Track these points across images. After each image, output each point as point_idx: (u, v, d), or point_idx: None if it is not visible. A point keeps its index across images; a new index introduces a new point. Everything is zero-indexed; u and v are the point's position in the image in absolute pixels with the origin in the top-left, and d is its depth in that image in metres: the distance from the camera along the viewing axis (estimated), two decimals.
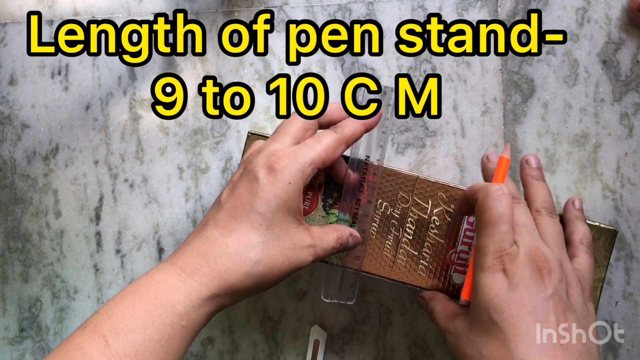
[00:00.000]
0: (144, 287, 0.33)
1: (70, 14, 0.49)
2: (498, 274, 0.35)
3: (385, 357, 0.48)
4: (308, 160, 0.36)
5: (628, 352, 0.47)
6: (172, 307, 0.32)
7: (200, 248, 0.34)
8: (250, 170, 0.36)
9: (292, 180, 0.35)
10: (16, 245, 0.49)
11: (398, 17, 0.48)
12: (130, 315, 0.32)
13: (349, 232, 0.39)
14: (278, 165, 0.35)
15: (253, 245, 0.34)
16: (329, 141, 0.37)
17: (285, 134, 0.38)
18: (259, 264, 0.34)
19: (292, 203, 0.35)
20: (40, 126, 0.49)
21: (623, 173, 0.47)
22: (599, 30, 0.48)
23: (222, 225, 0.35)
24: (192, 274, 0.33)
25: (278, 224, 0.35)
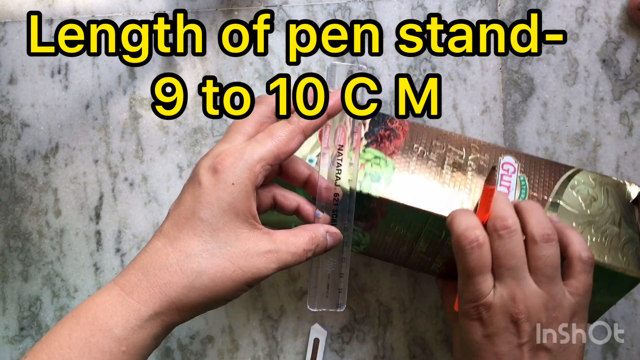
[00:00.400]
0: (83, 311, 0.31)
1: (70, 13, 0.49)
2: (474, 321, 0.35)
3: (384, 356, 0.48)
4: (256, 157, 0.32)
5: (627, 351, 0.47)
6: (110, 332, 0.30)
7: (141, 262, 0.31)
8: (195, 174, 0.33)
9: (237, 181, 0.31)
10: (16, 244, 0.49)
11: (398, 16, 0.48)
12: (67, 344, 0.30)
13: (325, 229, 0.35)
14: (221, 165, 0.31)
15: (195, 254, 0.31)
16: (282, 133, 0.33)
17: (236, 132, 0.34)
18: (203, 274, 0.31)
19: (239, 205, 0.31)
20: (40, 125, 0.49)
21: (623, 172, 0.47)
22: (599, 29, 0.48)
23: (165, 234, 0.32)
24: (130, 291, 0.31)
25: (224, 229, 0.31)
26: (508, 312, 0.34)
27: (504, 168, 0.41)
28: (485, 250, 0.35)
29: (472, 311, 0.35)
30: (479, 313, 0.35)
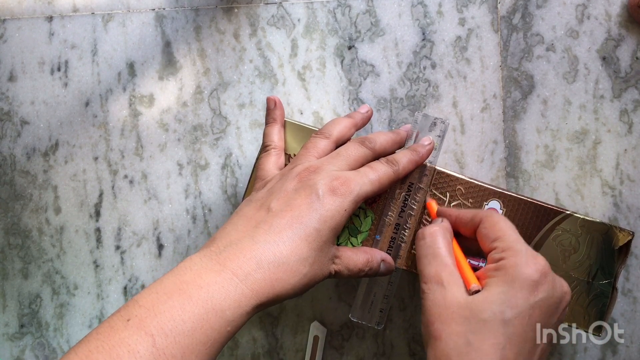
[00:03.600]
0: (194, 288, 0.32)
1: (70, 10, 0.49)
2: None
3: (384, 354, 0.48)
4: (363, 193, 0.37)
5: (627, 349, 0.47)
6: (222, 313, 0.32)
7: (253, 251, 0.34)
8: (311, 186, 0.36)
9: (347, 209, 0.36)
10: (16, 241, 0.49)
11: (398, 13, 0.48)
12: (180, 317, 0.31)
13: (381, 257, 0.40)
14: (339, 190, 0.36)
15: (305, 258, 0.34)
16: (385, 177, 0.38)
17: (344, 159, 0.38)
18: (306, 277, 0.35)
19: (340, 227, 0.36)
20: (39, 122, 0.49)
21: (622, 170, 0.47)
22: (599, 26, 0.48)
23: (277, 231, 0.35)
24: (244, 279, 0.33)
25: (326, 242, 0.36)
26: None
27: None
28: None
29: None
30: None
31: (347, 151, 0.39)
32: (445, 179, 0.41)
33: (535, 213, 0.41)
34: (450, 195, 0.41)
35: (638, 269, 0.47)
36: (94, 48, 0.49)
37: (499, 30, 0.48)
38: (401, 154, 0.40)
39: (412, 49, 0.48)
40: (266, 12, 0.49)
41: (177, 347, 0.30)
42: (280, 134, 0.42)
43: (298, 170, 0.38)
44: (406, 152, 0.40)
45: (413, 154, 0.40)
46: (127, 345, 0.30)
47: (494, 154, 0.48)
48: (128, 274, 0.49)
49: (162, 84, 0.49)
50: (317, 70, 0.48)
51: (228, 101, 0.49)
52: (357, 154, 0.39)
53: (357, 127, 0.42)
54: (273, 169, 0.40)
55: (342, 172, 0.37)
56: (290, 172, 0.38)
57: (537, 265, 0.34)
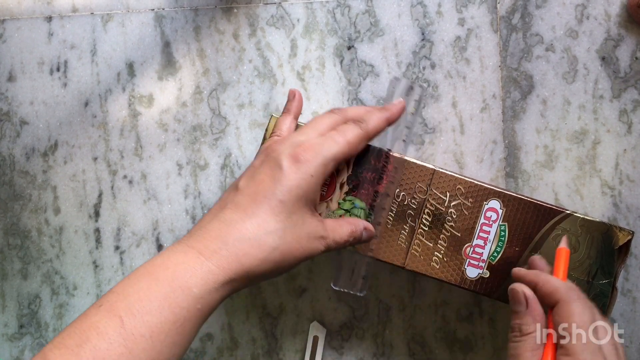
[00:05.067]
0: (161, 269, 0.33)
1: (69, 10, 0.49)
2: None
3: (384, 354, 0.48)
4: (331, 155, 0.36)
5: (627, 349, 0.47)
6: (189, 290, 0.32)
7: (219, 231, 0.34)
8: (274, 157, 0.36)
9: (315, 174, 0.35)
10: (15, 241, 0.49)
11: (397, 13, 0.48)
12: (147, 297, 0.32)
13: (364, 225, 0.39)
14: (302, 157, 0.35)
15: (272, 231, 0.34)
16: (353, 136, 0.37)
17: (312, 128, 0.38)
18: (277, 250, 0.34)
19: (311, 195, 0.36)
20: (39, 123, 0.49)
21: (622, 170, 0.47)
22: (598, 26, 0.48)
23: (242, 209, 0.35)
24: (210, 257, 0.33)
25: (297, 213, 0.35)
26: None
27: (486, 215, 0.41)
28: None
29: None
30: None
31: (316, 119, 0.39)
32: (445, 178, 0.41)
33: (535, 212, 0.41)
34: (450, 194, 0.41)
35: (637, 269, 0.47)
36: (94, 48, 0.49)
37: (499, 31, 0.48)
38: (370, 112, 0.39)
39: (412, 49, 0.48)
40: (265, 12, 0.49)
41: (145, 326, 0.31)
42: (291, 125, 0.42)
43: (266, 145, 0.38)
44: (375, 110, 0.40)
45: (382, 111, 0.40)
46: (97, 329, 0.31)
47: (494, 154, 0.48)
48: (127, 274, 0.48)
49: (161, 84, 0.49)
50: (316, 71, 0.48)
51: (227, 101, 0.49)
52: (327, 120, 0.38)
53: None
54: None
55: (306, 139, 0.37)
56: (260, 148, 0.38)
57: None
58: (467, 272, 0.41)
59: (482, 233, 0.41)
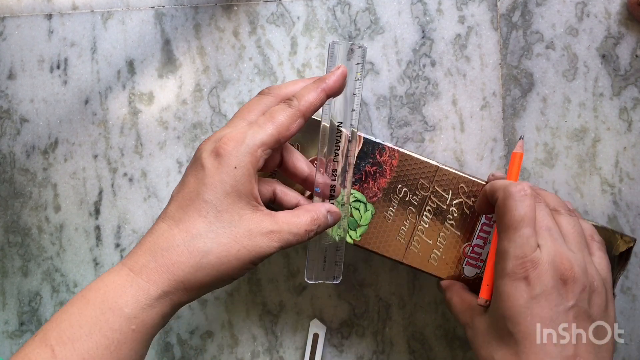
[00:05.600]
0: (92, 292, 0.31)
1: (69, 8, 0.49)
2: (519, 282, 0.33)
3: (384, 351, 0.48)
4: (257, 142, 0.33)
5: (626, 346, 0.47)
6: (120, 311, 0.30)
7: (148, 244, 0.32)
8: (197, 157, 0.34)
9: (239, 164, 0.32)
10: (16, 239, 0.49)
11: (397, 11, 0.48)
12: (77, 323, 0.30)
13: (326, 209, 0.36)
14: (223, 149, 0.32)
15: (200, 234, 0.32)
16: (282, 117, 0.34)
17: (240, 118, 0.35)
18: (210, 254, 0.32)
19: (242, 188, 0.32)
20: (39, 120, 0.49)
21: (622, 167, 0.47)
22: (599, 24, 0.48)
23: (170, 217, 0.33)
24: (139, 272, 0.32)
25: (228, 210, 0.32)
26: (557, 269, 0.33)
27: (488, 216, 0.41)
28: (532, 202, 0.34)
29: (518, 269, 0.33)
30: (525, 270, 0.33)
31: (245, 106, 0.36)
32: (449, 176, 0.41)
33: None
34: (452, 192, 0.41)
35: (637, 267, 0.47)
36: (94, 46, 0.49)
37: (499, 28, 0.48)
38: (304, 88, 0.36)
39: (412, 46, 0.48)
40: (266, 10, 0.49)
41: (76, 354, 0.29)
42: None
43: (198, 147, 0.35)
44: (310, 84, 0.36)
45: (317, 83, 0.35)
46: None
47: (494, 151, 0.48)
48: None
49: (161, 81, 0.49)
50: (316, 68, 0.48)
51: (227, 99, 0.49)
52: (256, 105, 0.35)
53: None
54: None
55: (229, 131, 0.34)
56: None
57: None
58: (465, 270, 0.41)
59: (482, 233, 0.41)
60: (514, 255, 0.33)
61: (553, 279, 0.32)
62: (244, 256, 0.32)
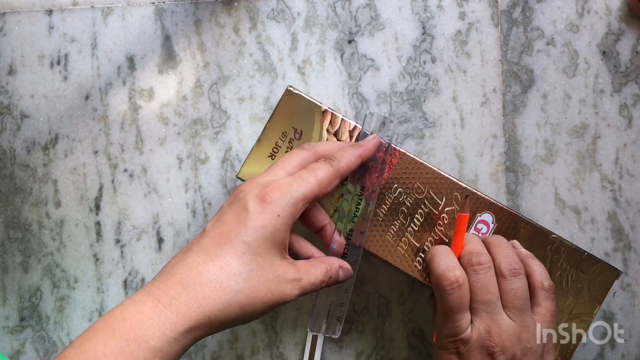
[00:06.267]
0: (118, 321, 0.31)
1: (69, 4, 0.49)
2: (452, 355, 0.37)
3: (383, 347, 0.48)
4: (300, 195, 0.35)
5: (625, 343, 0.47)
6: (146, 343, 0.31)
7: (179, 275, 0.33)
8: (240, 199, 0.35)
9: (282, 214, 0.34)
10: (16, 235, 0.49)
11: (398, 7, 0.48)
12: (102, 353, 0.30)
13: (339, 264, 0.38)
14: (269, 197, 0.34)
15: (235, 274, 0.33)
16: (324, 175, 0.36)
17: (280, 167, 0.37)
18: (240, 293, 0.33)
19: (279, 236, 0.34)
20: (39, 116, 0.49)
21: (622, 164, 0.47)
22: (599, 21, 0.48)
23: (205, 251, 0.33)
24: (168, 304, 0.32)
25: (262, 255, 0.34)
26: (484, 346, 0.36)
27: (477, 227, 0.42)
28: (464, 290, 0.37)
29: (450, 345, 0.37)
30: (456, 347, 0.36)
31: (285, 157, 0.38)
32: (444, 182, 0.41)
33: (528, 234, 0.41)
34: (446, 199, 0.41)
35: (637, 263, 0.47)
36: (94, 42, 0.49)
37: (499, 25, 0.48)
38: (342, 150, 0.39)
39: (412, 43, 0.48)
40: (266, 6, 0.49)
41: None
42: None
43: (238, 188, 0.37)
44: (347, 147, 0.39)
45: (354, 148, 0.39)
46: None
47: (494, 148, 0.48)
48: (128, 268, 0.49)
49: (162, 77, 0.49)
50: (317, 65, 0.48)
51: (228, 95, 0.49)
52: (296, 158, 0.38)
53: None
54: None
55: (274, 179, 0.36)
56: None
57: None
58: None
59: None
60: (446, 334, 0.37)
61: (481, 354, 0.36)
62: (269, 300, 0.34)
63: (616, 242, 0.47)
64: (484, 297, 0.37)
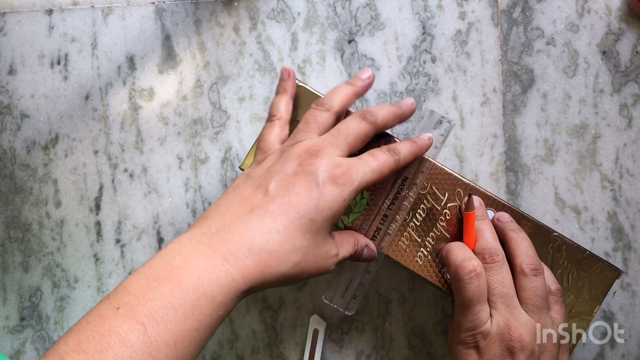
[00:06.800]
0: (184, 273, 0.32)
1: (70, 3, 0.49)
2: (471, 349, 0.37)
3: (384, 347, 0.48)
4: (364, 182, 0.36)
5: (625, 343, 0.47)
6: (213, 299, 0.32)
7: (245, 237, 0.33)
8: (312, 172, 0.35)
9: (347, 198, 0.35)
10: (16, 234, 0.49)
11: (398, 7, 0.48)
12: (171, 305, 0.31)
13: (365, 242, 0.40)
14: (340, 179, 0.35)
15: (297, 248, 0.34)
16: (386, 166, 0.38)
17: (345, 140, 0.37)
18: (297, 266, 0.34)
19: (338, 218, 0.36)
20: (39, 116, 0.49)
21: (622, 164, 0.47)
22: (599, 20, 0.48)
23: (272, 218, 0.34)
24: (235, 264, 0.33)
25: (321, 233, 0.35)
26: (504, 340, 0.36)
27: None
28: (482, 280, 0.37)
29: (470, 340, 0.37)
30: (476, 342, 0.36)
31: (348, 128, 0.38)
32: (447, 177, 0.41)
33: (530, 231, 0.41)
34: (448, 195, 0.41)
35: (637, 263, 0.47)
36: (94, 41, 0.49)
37: (499, 24, 0.48)
38: (402, 144, 0.40)
39: (412, 42, 0.48)
40: (266, 6, 0.49)
41: (169, 335, 0.30)
42: (289, 106, 0.41)
43: (299, 151, 0.37)
44: (407, 142, 0.40)
45: (413, 145, 0.40)
46: (118, 335, 0.30)
47: (494, 148, 0.48)
48: (128, 268, 0.49)
49: (162, 77, 0.49)
50: (317, 64, 0.48)
51: (228, 95, 0.49)
52: (359, 130, 0.38)
53: (358, 95, 0.41)
54: (275, 141, 0.40)
55: (344, 159, 0.37)
56: (291, 151, 0.37)
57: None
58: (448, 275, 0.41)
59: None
60: (466, 327, 0.37)
61: (500, 349, 0.36)
62: (315, 272, 0.36)
63: (616, 241, 0.47)
64: (501, 289, 0.37)
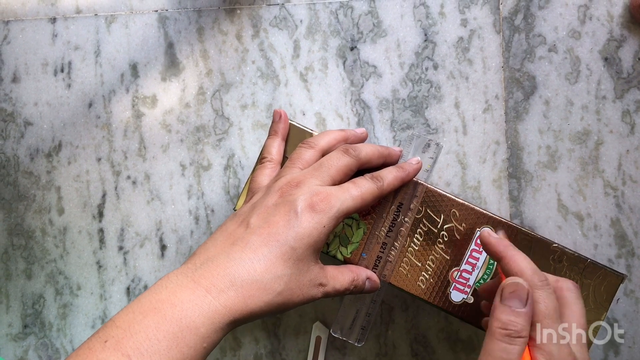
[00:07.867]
0: (168, 306, 0.33)
1: (73, 12, 0.49)
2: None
3: (387, 354, 0.48)
4: (345, 209, 0.37)
5: (629, 349, 0.47)
6: (197, 330, 0.32)
7: (227, 269, 0.34)
8: (291, 202, 0.36)
9: (327, 225, 0.36)
10: (19, 242, 0.49)
11: (400, 14, 0.48)
12: (155, 337, 0.31)
13: (367, 275, 0.40)
14: (319, 207, 0.36)
15: (279, 276, 0.35)
16: (369, 194, 0.38)
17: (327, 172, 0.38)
18: (280, 295, 0.35)
19: (319, 245, 0.36)
20: (43, 123, 0.49)
21: (624, 170, 0.47)
22: (601, 27, 0.48)
23: (253, 249, 0.35)
24: (217, 296, 0.33)
25: (303, 260, 0.36)
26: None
27: (477, 242, 0.41)
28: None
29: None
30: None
31: (330, 161, 0.39)
32: (442, 199, 0.41)
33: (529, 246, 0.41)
34: (444, 217, 0.41)
35: None
36: (97, 49, 0.49)
37: (501, 31, 0.48)
38: (387, 170, 0.40)
39: (414, 49, 0.48)
40: (268, 14, 0.49)
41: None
42: (280, 147, 0.42)
43: (280, 184, 0.38)
44: (392, 168, 0.40)
45: (399, 171, 0.40)
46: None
47: (496, 154, 0.48)
48: (131, 275, 0.49)
49: (164, 85, 0.49)
50: (319, 71, 0.49)
51: (230, 102, 0.49)
52: (340, 163, 0.39)
53: (347, 141, 0.42)
54: (265, 182, 0.40)
55: (323, 187, 0.37)
56: (274, 185, 0.38)
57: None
58: (452, 295, 0.41)
59: (471, 259, 0.41)
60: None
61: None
62: (299, 301, 0.36)
63: (619, 248, 0.47)
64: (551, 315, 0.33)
